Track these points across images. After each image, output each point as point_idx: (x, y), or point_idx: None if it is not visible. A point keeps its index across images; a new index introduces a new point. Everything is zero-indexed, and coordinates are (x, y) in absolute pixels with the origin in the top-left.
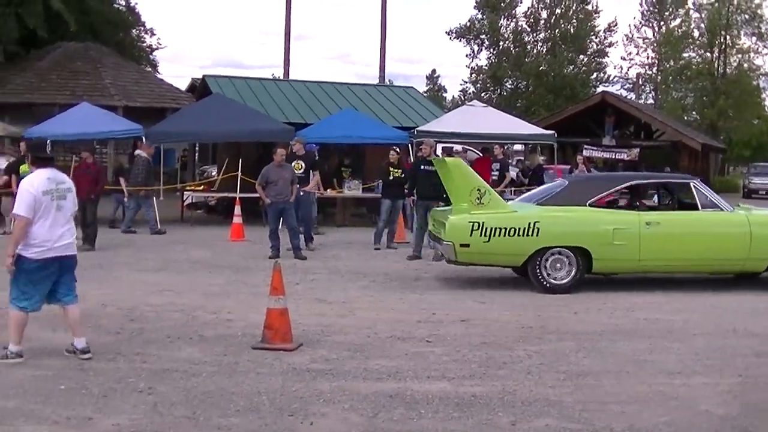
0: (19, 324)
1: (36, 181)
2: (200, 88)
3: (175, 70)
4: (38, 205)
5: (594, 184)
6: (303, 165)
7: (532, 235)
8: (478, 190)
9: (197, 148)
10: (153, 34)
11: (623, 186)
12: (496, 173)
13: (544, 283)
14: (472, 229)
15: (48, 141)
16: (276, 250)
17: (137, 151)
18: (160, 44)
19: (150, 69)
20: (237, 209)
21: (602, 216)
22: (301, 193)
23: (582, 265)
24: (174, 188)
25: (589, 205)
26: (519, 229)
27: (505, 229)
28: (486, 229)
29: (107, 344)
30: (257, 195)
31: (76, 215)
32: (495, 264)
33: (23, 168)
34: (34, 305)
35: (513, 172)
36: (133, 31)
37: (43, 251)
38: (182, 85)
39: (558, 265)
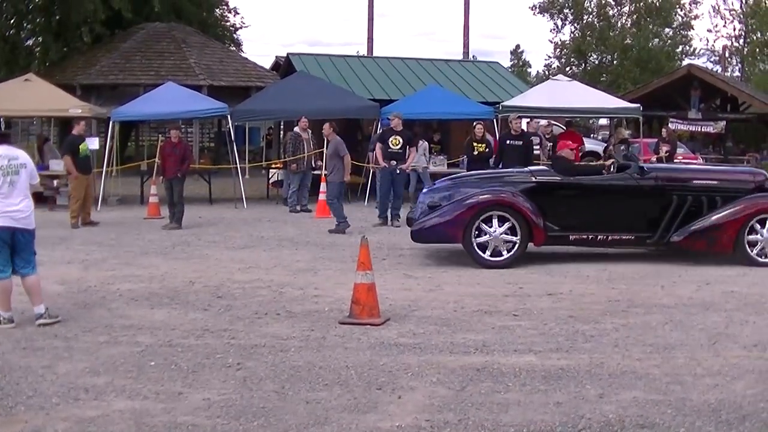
0: None
1: None
2: (284, 67)
3: (259, 49)
4: None
5: None
6: (401, 140)
7: None
8: None
9: (282, 126)
10: (236, 13)
11: None
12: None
13: None
14: None
15: (1, 119)
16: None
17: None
18: (244, 23)
19: (234, 48)
20: (322, 186)
21: None
22: (398, 171)
23: None
24: (259, 166)
25: None
26: None
27: None
28: None
29: (195, 321)
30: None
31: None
32: None
33: (83, 147)
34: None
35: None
36: (217, 10)
37: None
38: (266, 63)
39: None
